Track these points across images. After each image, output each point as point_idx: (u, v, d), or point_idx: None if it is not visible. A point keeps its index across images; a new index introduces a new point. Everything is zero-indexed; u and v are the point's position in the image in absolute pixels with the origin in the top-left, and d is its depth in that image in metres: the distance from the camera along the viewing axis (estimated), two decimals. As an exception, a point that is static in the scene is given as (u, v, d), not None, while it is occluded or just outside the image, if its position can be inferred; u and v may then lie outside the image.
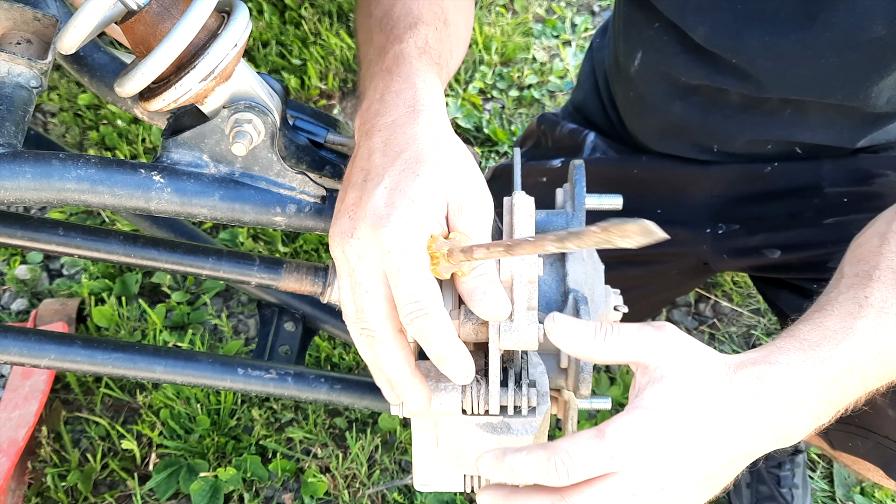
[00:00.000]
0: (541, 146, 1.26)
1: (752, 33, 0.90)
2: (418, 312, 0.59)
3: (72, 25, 0.57)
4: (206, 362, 0.86)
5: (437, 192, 0.61)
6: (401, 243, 0.59)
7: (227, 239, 1.75)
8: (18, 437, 1.34)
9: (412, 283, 0.59)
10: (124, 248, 0.87)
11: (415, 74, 0.67)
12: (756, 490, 1.41)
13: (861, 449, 0.91)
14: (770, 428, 0.63)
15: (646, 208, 1.11)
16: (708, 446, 0.60)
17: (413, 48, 0.70)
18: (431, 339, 0.61)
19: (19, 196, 0.63)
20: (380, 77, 0.69)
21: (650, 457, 0.58)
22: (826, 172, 1.03)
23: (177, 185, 0.66)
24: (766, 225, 1.06)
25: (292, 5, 2.15)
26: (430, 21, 0.74)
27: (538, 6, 2.30)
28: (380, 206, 0.60)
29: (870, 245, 0.74)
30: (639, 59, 1.04)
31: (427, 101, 0.65)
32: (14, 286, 1.70)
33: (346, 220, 0.61)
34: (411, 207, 0.59)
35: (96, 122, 1.97)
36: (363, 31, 0.78)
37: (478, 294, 0.62)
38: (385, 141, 0.63)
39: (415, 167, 0.61)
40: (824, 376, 0.64)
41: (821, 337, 0.66)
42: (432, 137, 0.63)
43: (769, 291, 1.14)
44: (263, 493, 1.43)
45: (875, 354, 0.66)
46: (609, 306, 0.82)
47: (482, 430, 0.69)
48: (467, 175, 0.63)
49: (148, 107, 0.62)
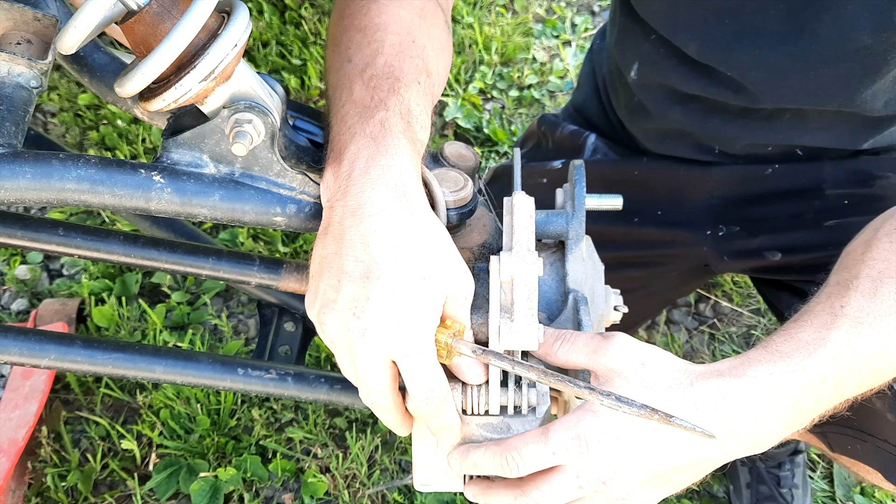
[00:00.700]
0: (541, 147, 1.26)
1: (742, 47, 0.90)
2: (434, 398, 0.66)
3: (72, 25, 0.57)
4: (207, 362, 0.86)
5: (441, 292, 0.64)
6: (419, 347, 0.63)
7: (228, 239, 1.75)
8: (18, 437, 1.34)
9: (429, 377, 0.65)
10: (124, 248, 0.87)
11: (400, 152, 0.66)
12: (756, 490, 1.41)
13: (860, 452, 0.91)
14: (733, 437, 0.66)
15: (646, 210, 1.11)
16: (651, 447, 0.65)
17: (398, 119, 0.68)
18: (443, 414, 0.67)
19: (19, 196, 0.63)
20: (364, 143, 0.66)
21: (589, 454, 0.65)
22: (827, 174, 1.02)
23: (177, 186, 0.66)
24: (767, 227, 1.06)
25: (292, 5, 2.15)
26: (412, 78, 0.72)
27: (538, 6, 2.30)
28: (393, 311, 0.62)
29: (855, 253, 0.74)
30: (635, 69, 1.04)
31: (412, 186, 0.65)
32: (14, 286, 1.70)
33: (352, 318, 0.62)
34: (423, 312, 0.63)
35: (96, 122, 1.97)
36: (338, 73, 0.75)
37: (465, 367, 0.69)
38: (377, 231, 0.63)
39: (419, 269, 0.63)
40: (794, 387, 0.66)
41: (792, 348, 0.67)
42: (424, 232, 0.64)
43: (769, 293, 1.14)
44: (263, 493, 1.43)
45: (849, 365, 0.67)
46: (609, 306, 0.82)
47: (482, 430, 0.69)
48: (455, 264, 0.66)
49: (148, 107, 0.62)
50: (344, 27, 0.77)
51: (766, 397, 0.66)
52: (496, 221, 0.79)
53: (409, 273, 0.62)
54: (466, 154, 0.78)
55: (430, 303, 0.63)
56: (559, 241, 0.81)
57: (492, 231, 0.77)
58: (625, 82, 1.07)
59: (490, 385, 0.68)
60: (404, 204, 0.64)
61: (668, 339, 1.64)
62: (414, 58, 0.74)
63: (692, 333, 1.68)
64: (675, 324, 1.69)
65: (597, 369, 0.68)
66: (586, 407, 0.66)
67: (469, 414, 0.69)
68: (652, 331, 1.67)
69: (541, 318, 0.74)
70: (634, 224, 1.12)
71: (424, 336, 0.63)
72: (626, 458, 0.65)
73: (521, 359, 0.70)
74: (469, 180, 0.73)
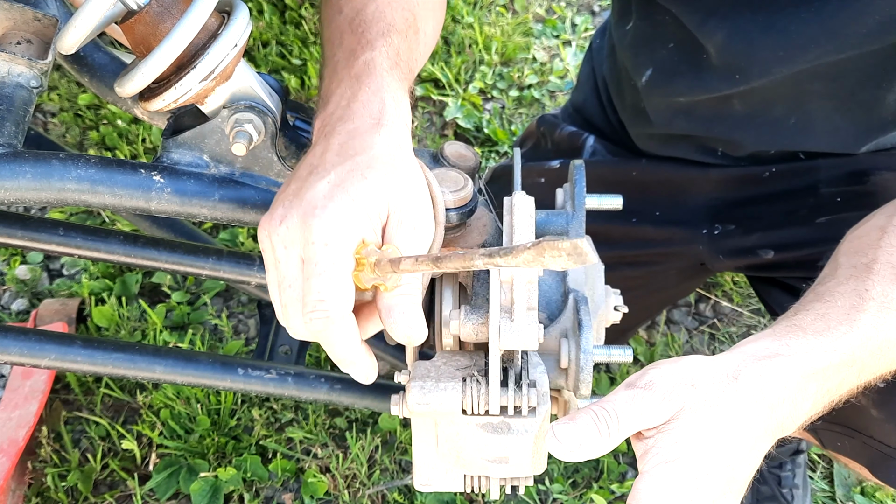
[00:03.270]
0: (540, 147, 1.26)
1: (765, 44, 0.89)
2: (320, 313, 0.57)
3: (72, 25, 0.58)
4: (207, 362, 0.87)
5: (379, 198, 0.59)
6: (326, 237, 0.56)
7: (228, 239, 1.75)
8: (18, 437, 1.34)
9: (323, 280, 0.56)
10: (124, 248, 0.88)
11: (384, 88, 0.65)
12: (757, 490, 1.42)
13: (848, 448, 0.91)
14: (778, 420, 0.63)
15: (644, 209, 1.11)
16: (737, 420, 0.60)
17: (384, 58, 0.68)
18: (330, 342, 0.59)
19: (19, 196, 0.63)
20: (347, 84, 0.66)
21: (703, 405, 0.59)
22: (824, 173, 1.02)
23: (177, 186, 0.66)
24: (761, 224, 1.06)
25: (292, 5, 2.15)
26: (401, 29, 0.72)
27: (538, 6, 2.30)
28: (317, 197, 0.57)
29: (868, 238, 0.73)
30: (648, 75, 1.02)
31: (392, 117, 0.64)
32: (14, 286, 1.70)
33: (280, 209, 0.59)
34: (348, 204, 0.57)
35: (96, 122, 1.97)
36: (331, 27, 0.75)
37: (395, 313, 0.60)
38: (341, 144, 0.62)
39: (364, 170, 0.59)
40: (826, 365, 0.64)
41: (824, 327, 0.66)
42: (390, 149, 0.61)
43: (762, 290, 1.15)
44: (263, 493, 1.43)
45: (874, 349, 0.66)
46: (609, 306, 0.82)
47: (482, 430, 0.69)
48: (415, 192, 0.61)
49: (148, 107, 0.62)
50: None
51: (802, 376, 0.63)
52: (496, 221, 0.79)
53: (350, 171, 0.59)
54: (466, 154, 0.78)
55: (360, 200, 0.58)
56: (559, 240, 0.80)
57: (492, 231, 0.77)
58: (633, 85, 1.06)
59: (490, 385, 0.68)
60: (377, 128, 0.62)
61: (668, 339, 1.64)
62: (405, 11, 0.73)
63: (692, 333, 1.68)
64: (675, 324, 1.69)
65: (659, 422, 0.61)
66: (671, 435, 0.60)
67: (469, 414, 0.69)
68: (652, 331, 1.67)
69: (541, 317, 0.74)
70: (633, 223, 1.12)
71: (337, 229, 0.57)
72: (715, 480, 0.59)
73: (520, 359, 0.70)
74: (469, 180, 0.73)
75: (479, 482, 0.75)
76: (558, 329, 0.75)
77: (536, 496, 1.43)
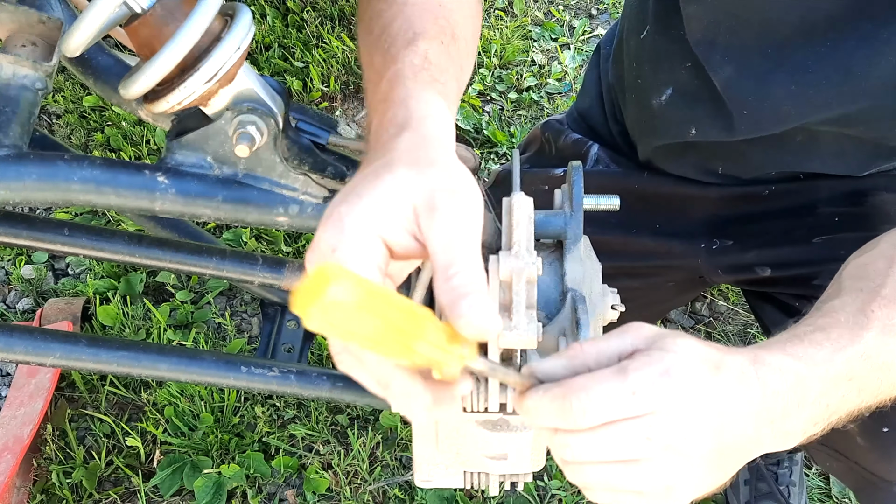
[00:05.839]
0: (544, 153, 1.25)
1: (778, 80, 0.85)
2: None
3: (77, 28, 0.58)
4: (210, 360, 0.87)
5: (397, 194, 0.53)
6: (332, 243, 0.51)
7: (231, 239, 1.76)
8: (24, 435, 1.35)
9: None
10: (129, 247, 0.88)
11: (409, 96, 0.61)
12: (755, 487, 1.42)
13: (836, 470, 0.91)
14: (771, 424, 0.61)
15: (644, 221, 1.10)
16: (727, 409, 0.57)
17: (408, 67, 0.63)
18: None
19: (25, 196, 0.64)
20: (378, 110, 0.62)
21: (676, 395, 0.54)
22: (823, 193, 1.01)
23: (181, 186, 0.67)
24: (759, 242, 1.05)
25: (295, 9, 2.15)
26: (433, 35, 0.67)
27: (537, 10, 2.31)
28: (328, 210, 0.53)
29: (875, 266, 0.72)
30: (667, 95, 0.98)
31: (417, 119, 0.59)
32: (20, 285, 1.71)
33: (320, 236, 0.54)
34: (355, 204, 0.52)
35: (101, 124, 1.98)
36: (364, 50, 0.71)
37: (463, 306, 0.50)
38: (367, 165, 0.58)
39: (379, 172, 0.54)
40: (823, 376, 0.63)
41: (824, 338, 0.64)
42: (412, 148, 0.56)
43: (756, 304, 1.14)
44: (266, 489, 1.44)
45: (875, 367, 0.65)
46: (606, 305, 0.82)
47: (482, 428, 0.70)
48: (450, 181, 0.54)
49: (152, 109, 0.63)
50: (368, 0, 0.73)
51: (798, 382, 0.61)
52: (496, 222, 0.79)
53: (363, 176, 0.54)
54: (466, 155, 0.78)
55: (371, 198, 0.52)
56: (557, 240, 0.81)
57: (491, 231, 0.78)
58: (645, 103, 1.03)
59: (489, 383, 0.68)
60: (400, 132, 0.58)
61: (668, 338, 1.65)
62: (438, 18, 0.68)
63: (688, 332, 1.69)
64: (671, 322, 1.70)
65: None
66: (662, 345, 0.56)
67: (468, 411, 0.70)
68: (652, 330, 1.67)
69: (540, 316, 0.74)
70: (632, 234, 1.11)
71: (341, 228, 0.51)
72: (705, 410, 0.56)
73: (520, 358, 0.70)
74: (468, 181, 0.73)
75: (479, 478, 0.75)
76: (556, 328, 0.76)
77: (535, 492, 1.44)
